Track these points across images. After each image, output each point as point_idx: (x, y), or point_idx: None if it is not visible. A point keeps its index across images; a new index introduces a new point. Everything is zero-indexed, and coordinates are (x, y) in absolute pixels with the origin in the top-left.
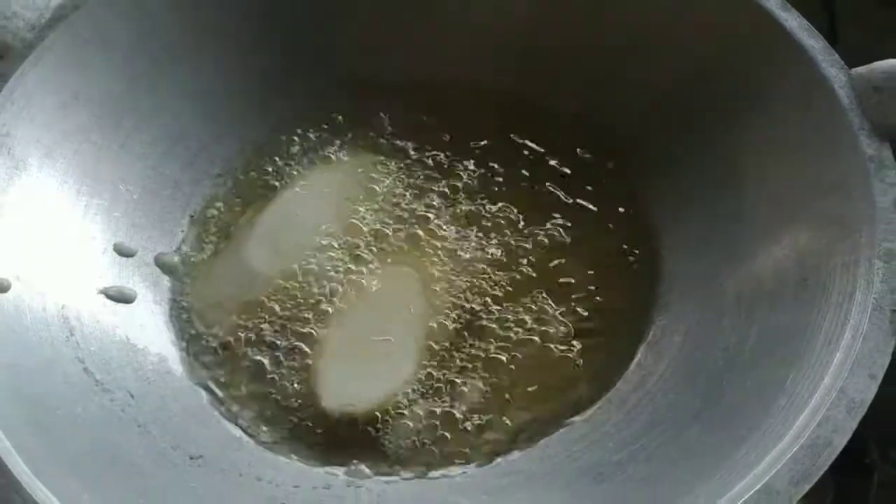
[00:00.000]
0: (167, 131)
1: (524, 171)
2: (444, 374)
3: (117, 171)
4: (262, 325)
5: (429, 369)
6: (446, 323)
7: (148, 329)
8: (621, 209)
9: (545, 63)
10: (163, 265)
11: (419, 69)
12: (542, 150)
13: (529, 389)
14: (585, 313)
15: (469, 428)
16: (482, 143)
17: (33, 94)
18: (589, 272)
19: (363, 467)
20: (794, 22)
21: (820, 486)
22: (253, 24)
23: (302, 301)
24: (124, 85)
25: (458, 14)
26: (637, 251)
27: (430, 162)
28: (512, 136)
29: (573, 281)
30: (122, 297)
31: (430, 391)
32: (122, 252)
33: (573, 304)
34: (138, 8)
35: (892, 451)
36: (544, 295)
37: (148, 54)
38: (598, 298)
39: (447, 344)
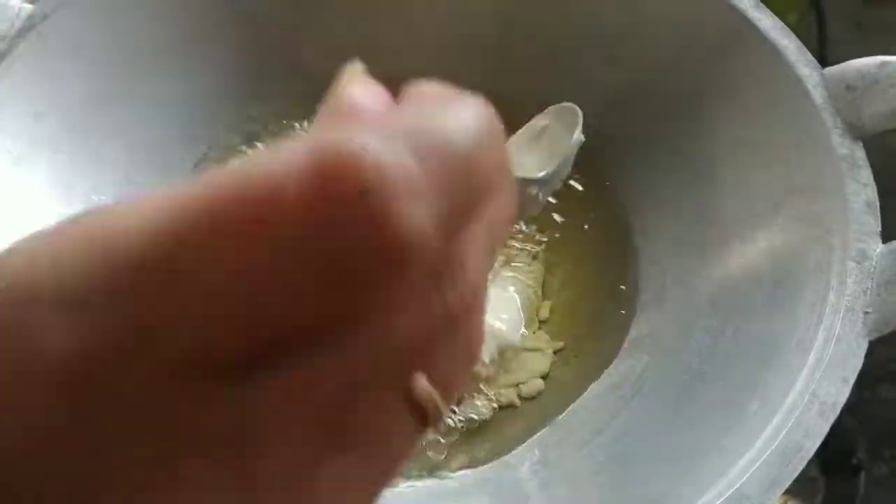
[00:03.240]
0: (141, 140)
1: None
2: None
3: (90, 181)
4: None
5: None
6: None
7: None
8: (597, 210)
9: (516, 60)
10: None
11: (393, 68)
12: None
13: (506, 394)
14: (561, 317)
15: (448, 437)
16: None
17: (4, 103)
18: (565, 274)
19: None
20: (766, 21)
21: (809, 485)
22: (225, 31)
23: None
24: (96, 93)
25: (426, 11)
26: (613, 253)
27: None
28: None
29: (549, 284)
30: None
31: None
32: None
33: (550, 307)
34: (109, 16)
35: (881, 448)
36: (526, 300)
37: (120, 62)
38: (573, 301)
39: None
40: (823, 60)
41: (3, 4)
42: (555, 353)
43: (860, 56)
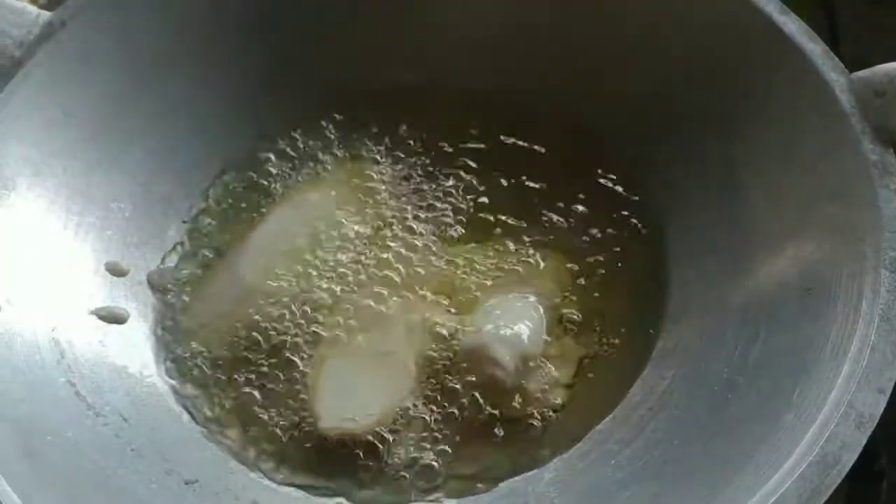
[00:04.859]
0: (158, 147)
1: (520, 180)
2: (443, 391)
3: (108, 189)
4: (256, 344)
5: (426, 385)
6: (443, 337)
7: (140, 350)
8: (623, 219)
9: (536, 72)
10: (155, 284)
11: (408, 77)
12: (540, 159)
13: (530, 404)
14: (587, 325)
15: (469, 448)
16: (475, 151)
17: (22, 112)
18: (591, 282)
19: (362, 491)
20: (792, 26)
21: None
22: (238, 38)
23: (297, 318)
24: (113, 101)
25: (442, 24)
26: (640, 261)
27: (422, 171)
28: (504, 143)
29: (575, 295)
30: (113, 318)
31: (429, 409)
32: (114, 271)
33: (576, 318)
34: (126, 24)
35: None
36: (548, 308)
37: (136, 70)
38: (600, 309)
39: (445, 360)
40: None
41: (21, 11)
42: (580, 361)
43: (871, 57)
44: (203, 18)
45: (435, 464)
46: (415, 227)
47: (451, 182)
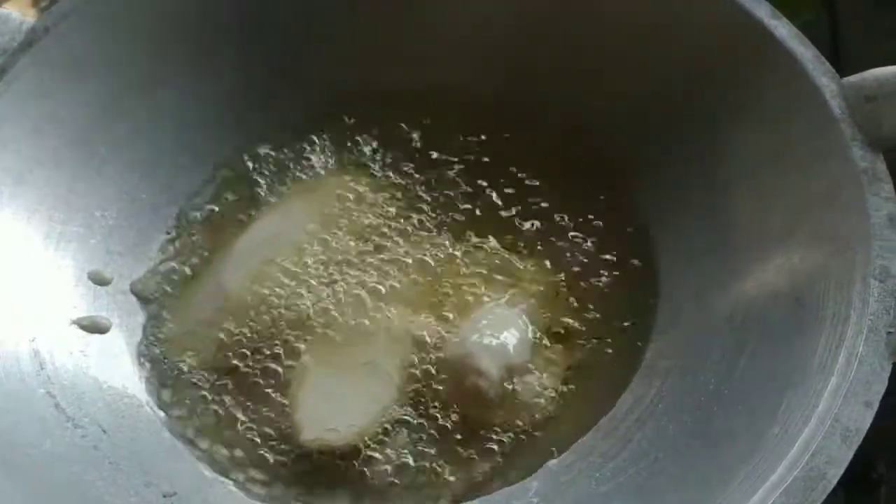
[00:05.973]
0: (143, 155)
1: (513, 185)
2: (426, 401)
3: (92, 198)
4: (239, 354)
5: (409, 396)
6: (428, 347)
7: (122, 360)
8: (616, 225)
9: (534, 73)
10: (138, 293)
11: (402, 80)
12: (533, 162)
13: (515, 413)
14: (574, 335)
15: (453, 459)
16: (468, 156)
17: (4, 119)
18: (578, 291)
19: (343, 502)
20: (784, 30)
21: (828, 499)
22: (229, 41)
23: (280, 328)
24: (98, 109)
25: (441, 25)
26: (628, 269)
27: (414, 178)
28: (501, 146)
29: (563, 305)
30: (95, 328)
31: (412, 420)
32: (97, 280)
33: (564, 328)
34: (110, 31)
35: None
36: (535, 317)
37: (121, 77)
38: (591, 321)
39: (429, 370)
40: (837, 61)
41: (5, 18)
42: (566, 371)
43: (872, 57)
44: (192, 22)
45: (417, 475)
46: (405, 234)
47: (444, 187)
